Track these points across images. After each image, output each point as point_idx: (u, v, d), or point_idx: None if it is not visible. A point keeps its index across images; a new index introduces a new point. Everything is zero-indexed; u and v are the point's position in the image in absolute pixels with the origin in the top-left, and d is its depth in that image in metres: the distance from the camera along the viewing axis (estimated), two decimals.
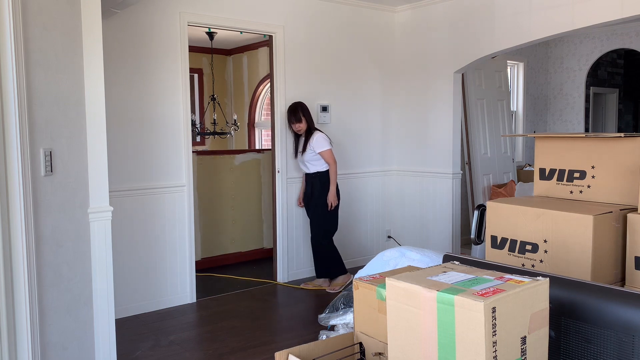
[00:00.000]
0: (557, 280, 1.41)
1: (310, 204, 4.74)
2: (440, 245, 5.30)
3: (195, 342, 3.67)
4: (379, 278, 1.80)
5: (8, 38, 2.18)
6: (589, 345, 1.33)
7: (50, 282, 2.52)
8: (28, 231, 2.31)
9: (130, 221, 4.09)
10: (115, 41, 3.94)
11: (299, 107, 4.65)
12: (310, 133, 4.61)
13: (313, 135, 4.58)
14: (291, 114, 4.66)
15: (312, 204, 4.71)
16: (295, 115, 4.62)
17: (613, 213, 1.85)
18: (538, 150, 2.26)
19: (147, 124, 4.15)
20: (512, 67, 7.09)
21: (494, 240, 2.09)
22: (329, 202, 4.63)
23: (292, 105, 4.69)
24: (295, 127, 4.65)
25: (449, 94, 5.20)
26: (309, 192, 4.75)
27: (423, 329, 1.18)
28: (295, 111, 4.64)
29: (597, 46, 7.04)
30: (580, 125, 7.20)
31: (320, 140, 4.57)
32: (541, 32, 4.42)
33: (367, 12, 5.40)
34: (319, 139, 4.57)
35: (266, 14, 4.74)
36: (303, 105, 4.68)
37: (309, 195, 4.75)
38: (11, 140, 2.23)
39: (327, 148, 4.59)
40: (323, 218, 4.68)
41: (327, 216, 4.68)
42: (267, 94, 8.30)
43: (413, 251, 3.25)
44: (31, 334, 2.35)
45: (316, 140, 4.56)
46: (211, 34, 7.32)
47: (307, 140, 4.61)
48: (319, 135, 4.59)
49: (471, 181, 5.94)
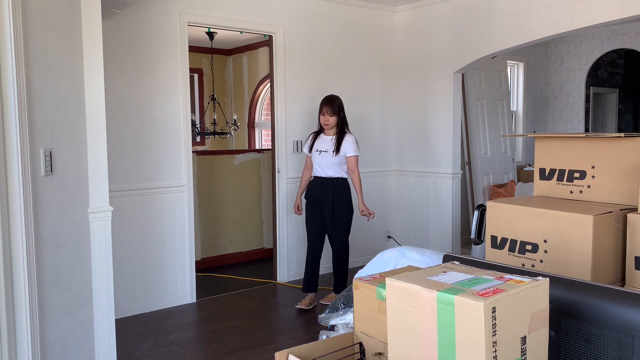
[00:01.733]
0: (557, 280, 1.41)
1: (327, 212, 4.19)
2: (440, 245, 5.30)
3: (195, 342, 3.67)
4: (379, 278, 1.80)
5: (8, 38, 2.18)
6: (589, 345, 1.33)
7: (50, 282, 2.52)
8: (28, 231, 2.31)
9: (130, 221, 4.09)
10: (115, 41, 3.94)
11: (337, 99, 4.19)
12: (343, 133, 4.17)
13: (347, 137, 4.15)
14: (328, 103, 4.15)
15: (335, 214, 4.18)
16: (332, 106, 4.13)
17: (613, 213, 1.85)
18: (538, 150, 2.26)
19: (147, 124, 4.15)
20: (512, 67, 7.09)
21: (494, 240, 2.09)
22: (366, 213, 4.23)
23: (330, 95, 4.22)
24: (325, 119, 4.15)
25: (449, 94, 5.20)
26: (319, 198, 4.20)
27: (423, 329, 1.18)
28: (332, 102, 4.15)
29: (597, 46, 7.04)
30: (580, 125, 7.20)
31: (354, 144, 4.17)
32: (541, 32, 4.42)
33: (367, 12, 5.40)
34: (353, 141, 4.17)
35: (266, 14, 4.74)
36: (341, 100, 4.23)
37: (319, 203, 4.22)
38: (11, 140, 2.23)
39: (358, 154, 4.21)
40: (347, 227, 4.26)
41: (348, 225, 4.28)
42: (267, 94, 8.30)
43: (413, 251, 3.24)
44: (31, 334, 2.35)
45: (351, 142, 4.14)
46: (211, 34, 7.32)
47: (341, 140, 4.14)
48: (353, 137, 4.19)
49: (471, 181, 5.93)
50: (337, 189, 4.17)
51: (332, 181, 4.17)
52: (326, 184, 4.18)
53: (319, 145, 4.20)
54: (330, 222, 4.20)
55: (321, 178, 4.20)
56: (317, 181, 4.23)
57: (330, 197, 4.16)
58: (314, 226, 4.26)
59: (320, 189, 4.19)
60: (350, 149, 4.14)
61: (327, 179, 4.18)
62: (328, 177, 4.17)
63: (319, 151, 4.18)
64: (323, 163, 4.17)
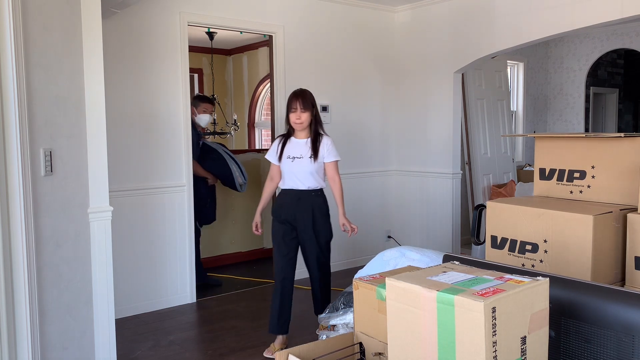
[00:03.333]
0: (557, 280, 1.41)
1: (305, 233, 3.42)
2: (440, 245, 5.30)
3: (195, 342, 3.67)
4: (379, 278, 1.80)
5: (8, 38, 2.18)
6: (589, 345, 1.33)
7: (50, 282, 2.52)
8: (28, 231, 2.31)
9: (130, 221, 4.09)
10: (115, 41, 3.94)
11: (308, 92, 3.43)
12: (318, 135, 3.43)
13: (324, 139, 3.43)
14: (298, 97, 3.36)
15: (318, 235, 3.43)
16: (304, 100, 3.36)
17: (613, 213, 1.85)
18: (538, 150, 2.26)
19: (147, 123, 4.15)
20: (512, 67, 7.09)
21: (494, 240, 2.09)
22: (348, 227, 3.46)
23: (300, 89, 3.45)
24: (296, 116, 3.35)
25: (449, 94, 5.20)
26: (294, 215, 3.40)
27: (423, 329, 1.18)
28: (304, 95, 3.38)
29: (597, 46, 7.04)
30: (580, 125, 7.20)
31: (334, 147, 3.45)
32: (541, 32, 4.42)
33: (367, 12, 5.40)
34: (332, 143, 3.44)
35: (266, 14, 4.74)
36: (312, 95, 3.47)
37: (292, 221, 3.41)
38: (11, 140, 2.23)
39: (339, 158, 3.49)
40: (329, 247, 3.54)
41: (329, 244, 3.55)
42: (267, 94, 8.30)
43: (413, 251, 3.24)
44: (31, 334, 2.35)
45: (330, 145, 3.42)
46: (211, 34, 7.32)
47: (317, 143, 3.41)
48: (330, 140, 3.46)
49: (471, 181, 5.94)
50: (318, 204, 3.42)
51: (312, 194, 3.41)
52: (304, 197, 3.39)
53: (291, 151, 3.42)
54: (311, 245, 3.42)
55: (297, 191, 3.40)
56: (291, 195, 3.41)
57: (310, 214, 3.39)
58: (284, 250, 3.43)
59: (295, 204, 3.39)
60: (330, 153, 3.41)
61: (305, 192, 3.39)
62: (306, 189, 3.39)
63: (292, 158, 3.40)
64: (299, 172, 3.38)
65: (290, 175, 3.42)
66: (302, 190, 3.40)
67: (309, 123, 3.42)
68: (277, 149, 3.49)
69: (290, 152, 3.43)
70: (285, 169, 3.44)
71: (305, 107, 3.36)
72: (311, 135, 3.43)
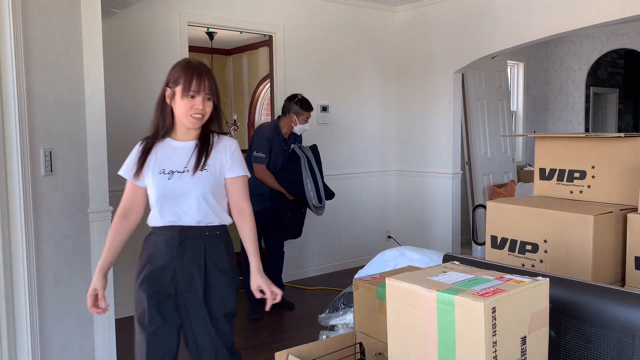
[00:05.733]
0: (557, 280, 1.41)
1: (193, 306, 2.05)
2: (440, 245, 5.30)
3: None
4: (379, 278, 1.80)
5: (8, 38, 2.18)
6: (589, 345, 1.33)
7: (50, 282, 2.52)
8: (28, 231, 2.31)
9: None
10: (115, 41, 3.94)
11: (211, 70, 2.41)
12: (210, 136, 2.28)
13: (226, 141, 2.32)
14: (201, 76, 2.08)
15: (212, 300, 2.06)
16: (210, 82, 2.13)
17: (613, 213, 1.85)
18: (538, 150, 2.26)
19: (147, 124, 4.13)
20: (512, 67, 7.09)
21: (494, 240, 2.09)
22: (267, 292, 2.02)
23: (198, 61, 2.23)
24: (197, 106, 2.11)
25: (449, 94, 5.20)
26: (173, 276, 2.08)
27: (423, 329, 1.18)
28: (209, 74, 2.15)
29: (597, 46, 7.04)
30: (580, 125, 7.20)
31: (241, 157, 2.39)
32: (541, 32, 4.42)
33: (367, 12, 5.40)
34: (239, 150, 2.37)
35: (266, 14, 4.74)
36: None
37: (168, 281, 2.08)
38: (11, 140, 2.24)
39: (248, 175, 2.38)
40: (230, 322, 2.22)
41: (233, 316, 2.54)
42: (267, 94, 8.30)
43: (413, 251, 3.24)
44: (31, 334, 2.35)
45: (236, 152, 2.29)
46: (211, 34, 7.32)
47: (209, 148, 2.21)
48: (236, 143, 2.40)
49: (471, 181, 5.94)
50: (216, 253, 2.09)
51: (205, 235, 2.08)
52: (192, 241, 2.07)
53: (166, 163, 2.11)
54: (199, 322, 2.07)
55: (179, 229, 2.06)
56: (168, 237, 2.08)
57: (201, 270, 2.06)
58: (157, 336, 2.05)
59: (175, 253, 2.07)
60: (235, 164, 2.19)
61: (194, 231, 2.06)
62: (195, 225, 2.06)
63: (169, 173, 2.07)
64: (182, 196, 2.05)
65: (165, 202, 2.05)
66: (188, 227, 2.05)
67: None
68: (135, 160, 2.14)
69: (166, 165, 2.08)
70: (157, 191, 2.05)
71: (212, 93, 2.11)
72: (199, 137, 2.16)
